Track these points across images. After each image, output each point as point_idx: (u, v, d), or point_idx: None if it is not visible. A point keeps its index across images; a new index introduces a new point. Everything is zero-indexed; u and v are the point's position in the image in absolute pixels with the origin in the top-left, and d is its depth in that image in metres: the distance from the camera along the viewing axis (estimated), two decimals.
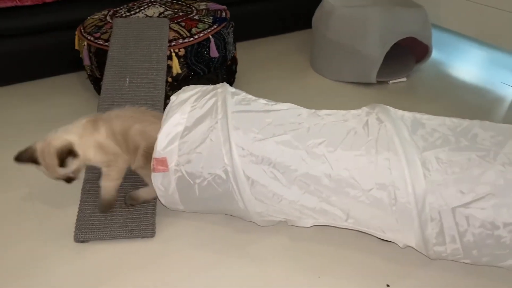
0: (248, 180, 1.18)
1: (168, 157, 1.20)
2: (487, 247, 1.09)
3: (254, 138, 1.19)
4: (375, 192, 1.11)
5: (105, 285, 1.19)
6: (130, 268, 1.23)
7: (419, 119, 1.25)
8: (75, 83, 2.25)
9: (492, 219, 1.05)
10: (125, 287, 1.18)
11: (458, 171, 1.08)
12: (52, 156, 1.26)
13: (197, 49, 1.85)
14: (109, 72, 1.74)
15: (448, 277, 1.21)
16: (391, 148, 1.13)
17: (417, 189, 1.08)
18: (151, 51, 1.79)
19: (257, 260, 1.26)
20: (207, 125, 1.21)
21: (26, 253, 1.29)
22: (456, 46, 2.78)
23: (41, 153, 1.27)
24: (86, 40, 1.89)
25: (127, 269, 1.23)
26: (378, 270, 1.23)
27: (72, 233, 1.32)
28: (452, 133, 1.19)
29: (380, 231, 1.16)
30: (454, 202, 1.07)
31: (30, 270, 1.23)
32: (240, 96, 1.34)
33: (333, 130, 1.21)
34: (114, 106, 1.65)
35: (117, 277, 1.21)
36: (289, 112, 1.29)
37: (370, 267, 1.24)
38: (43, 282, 1.20)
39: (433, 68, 2.45)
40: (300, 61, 2.52)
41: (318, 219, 1.20)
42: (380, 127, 1.20)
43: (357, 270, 1.22)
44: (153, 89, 1.70)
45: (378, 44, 2.10)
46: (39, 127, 1.86)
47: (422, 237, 1.11)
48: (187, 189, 1.24)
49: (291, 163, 1.16)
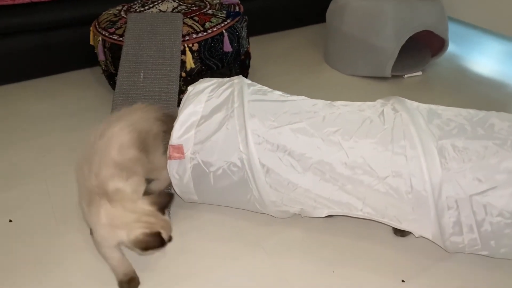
0: (263, 168, 1.18)
1: (184, 145, 1.21)
2: (505, 237, 1.07)
3: (270, 125, 1.19)
4: (391, 180, 1.10)
5: None
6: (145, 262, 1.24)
7: (435, 109, 1.25)
8: (90, 78, 2.28)
9: (510, 208, 1.03)
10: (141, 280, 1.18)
11: (475, 159, 1.07)
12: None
13: (211, 43, 1.86)
14: (123, 67, 1.76)
15: (465, 272, 1.18)
16: (407, 136, 1.12)
17: (434, 177, 1.07)
18: (165, 46, 1.80)
19: (271, 254, 1.26)
20: (223, 114, 1.23)
21: (42, 245, 1.30)
22: (473, 39, 2.73)
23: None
24: (100, 36, 1.91)
25: (142, 263, 1.23)
26: (394, 264, 1.21)
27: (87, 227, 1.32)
28: (468, 123, 1.18)
29: (396, 221, 1.15)
30: (471, 190, 1.05)
31: (46, 262, 1.25)
32: (256, 87, 1.36)
33: (349, 118, 1.21)
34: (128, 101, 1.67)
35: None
36: (305, 102, 1.30)
37: (386, 261, 1.22)
38: (59, 274, 1.21)
39: (449, 62, 2.41)
40: (314, 55, 2.51)
41: (333, 208, 1.19)
42: (395, 116, 1.19)
43: (372, 264, 1.21)
44: (167, 83, 1.71)
45: (393, 38, 2.07)
46: (54, 123, 1.91)
47: (439, 226, 1.09)
48: (202, 178, 1.24)
49: (306, 151, 1.16)
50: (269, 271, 1.20)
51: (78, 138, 1.79)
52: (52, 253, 1.28)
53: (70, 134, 1.83)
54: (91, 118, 1.92)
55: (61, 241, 1.31)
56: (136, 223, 1.04)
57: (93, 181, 1.09)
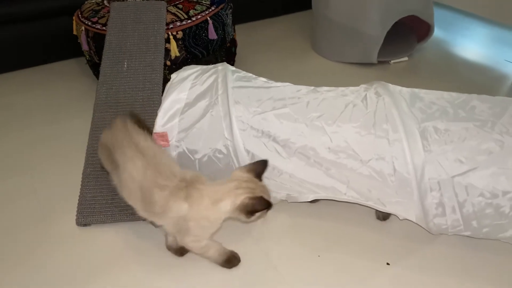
0: (248, 154, 1.18)
1: (169, 133, 1.21)
2: (486, 217, 1.09)
3: (254, 112, 1.20)
4: (374, 163, 1.11)
5: (108, 268, 1.20)
6: (133, 251, 1.24)
7: (417, 93, 1.26)
8: (74, 68, 2.25)
9: (491, 188, 1.05)
10: (128, 269, 1.19)
11: (456, 140, 1.08)
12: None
13: (195, 31, 1.84)
14: (107, 56, 1.73)
15: (450, 254, 1.21)
16: (389, 119, 1.13)
17: (416, 159, 1.08)
18: (149, 34, 1.78)
19: (259, 240, 1.27)
20: (208, 101, 1.23)
21: (29, 238, 1.30)
22: (458, 24, 2.74)
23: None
24: (83, 25, 1.88)
25: (130, 252, 1.24)
26: (379, 248, 1.23)
27: (73, 219, 1.33)
28: (450, 105, 1.19)
29: (380, 204, 1.16)
30: (453, 171, 1.06)
31: (32, 255, 1.24)
32: (240, 74, 1.36)
33: (332, 103, 1.22)
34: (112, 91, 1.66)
35: (120, 260, 1.22)
36: (289, 88, 1.30)
37: (370, 245, 1.24)
38: (46, 266, 1.21)
39: (435, 47, 2.42)
40: (301, 42, 2.50)
41: (319, 193, 1.20)
42: (378, 100, 1.20)
43: (357, 248, 1.23)
44: (151, 72, 1.70)
45: (379, 23, 2.07)
46: (38, 114, 1.88)
47: (422, 208, 1.11)
48: (187, 165, 1.24)
49: (290, 136, 1.17)
50: (257, 258, 1.21)
51: (63, 128, 1.78)
52: (39, 246, 1.27)
53: (54, 125, 1.81)
54: (76, 109, 1.90)
55: (48, 233, 1.31)
56: (238, 190, 1.04)
57: (174, 180, 1.07)
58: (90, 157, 1.48)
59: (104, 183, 1.39)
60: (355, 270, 1.17)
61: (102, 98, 1.63)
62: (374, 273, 1.16)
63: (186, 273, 1.17)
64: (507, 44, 2.46)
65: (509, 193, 1.04)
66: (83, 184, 1.41)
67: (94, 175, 1.42)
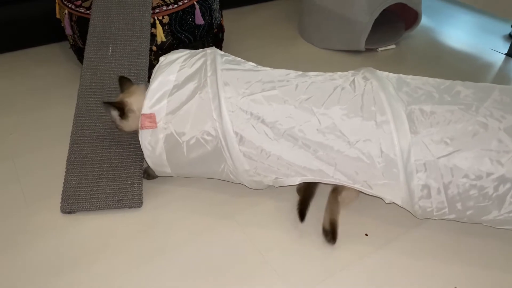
0: (237, 136, 1.18)
1: (157, 115, 1.19)
2: (470, 199, 1.10)
3: (243, 93, 1.19)
4: (361, 145, 1.12)
5: (93, 256, 1.18)
6: (119, 238, 1.23)
7: (404, 78, 1.28)
8: (58, 53, 2.19)
9: (475, 169, 1.07)
10: (114, 257, 1.18)
11: (442, 122, 1.10)
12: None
13: (182, 16, 1.81)
14: (91, 41, 1.70)
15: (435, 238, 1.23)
16: (377, 102, 1.14)
17: (402, 141, 1.09)
18: (134, 18, 1.74)
19: (245, 225, 1.27)
20: (196, 83, 1.21)
21: (13, 226, 1.27)
22: (446, 12, 2.76)
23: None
24: (67, 8, 1.84)
25: (115, 239, 1.23)
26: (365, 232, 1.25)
27: (58, 204, 1.30)
28: (435, 90, 1.21)
29: (366, 186, 1.17)
30: (439, 153, 1.08)
31: (17, 243, 1.22)
32: (229, 57, 1.35)
33: (321, 87, 1.22)
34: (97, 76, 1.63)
35: (105, 247, 1.21)
36: (278, 72, 1.30)
37: (357, 230, 1.25)
38: (30, 254, 1.19)
39: (422, 35, 2.43)
40: (289, 29, 2.49)
41: (306, 175, 1.20)
42: (366, 83, 1.21)
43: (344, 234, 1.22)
44: (137, 58, 1.66)
45: (367, 11, 2.07)
46: (21, 100, 1.84)
47: (408, 190, 1.12)
48: (175, 148, 1.23)
49: (279, 118, 1.17)
50: (243, 243, 1.21)
51: (46, 115, 1.74)
52: (23, 234, 1.25)
53: (38, 111, 1.77)
54: (59, 95, 1.86)
55: (32, 221, 1.28)
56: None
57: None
58: (74, 143, 1.45)
59: (89, 170, 1.38)
60: (341, 255, 1.18)
61: (86, 84, 1.60)
62: (360, 257, 1.17)
63: (172, 260, 1.17)
64: (493, 33, 2.49)
65: (493, 175, 1.06)
66: (67, 171, 1.39)
67: (78, 162, 1.40)
